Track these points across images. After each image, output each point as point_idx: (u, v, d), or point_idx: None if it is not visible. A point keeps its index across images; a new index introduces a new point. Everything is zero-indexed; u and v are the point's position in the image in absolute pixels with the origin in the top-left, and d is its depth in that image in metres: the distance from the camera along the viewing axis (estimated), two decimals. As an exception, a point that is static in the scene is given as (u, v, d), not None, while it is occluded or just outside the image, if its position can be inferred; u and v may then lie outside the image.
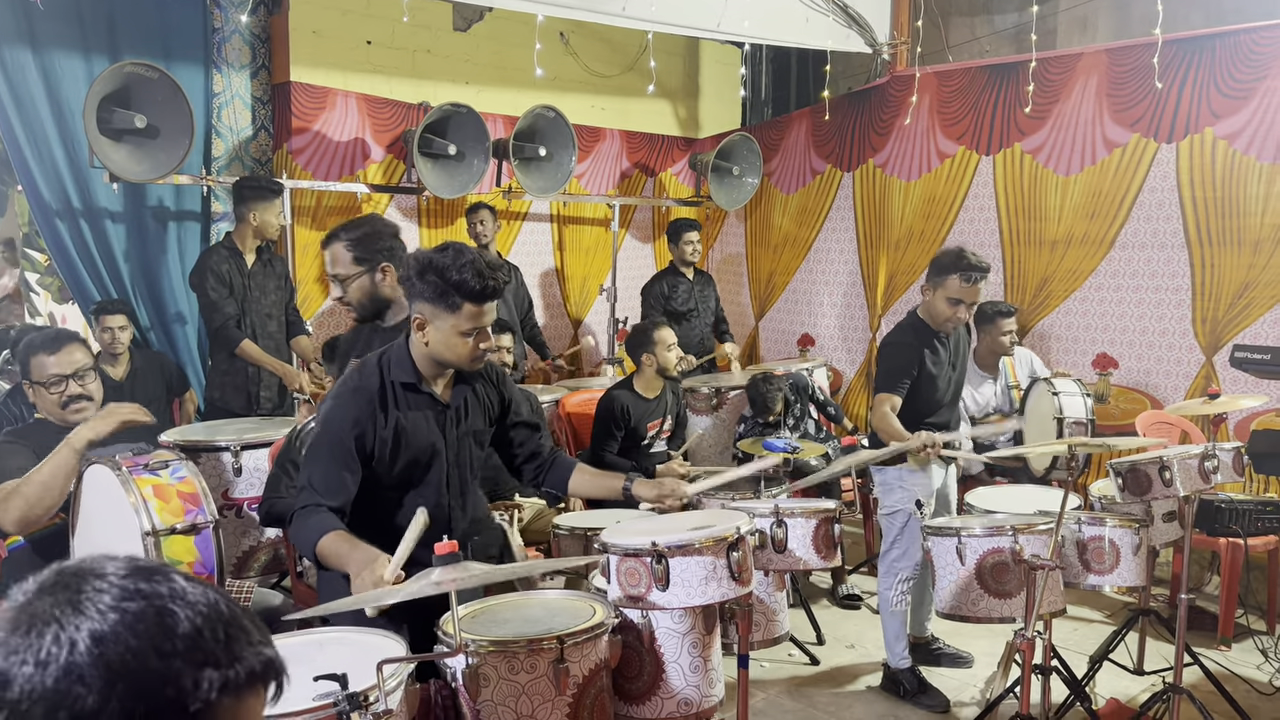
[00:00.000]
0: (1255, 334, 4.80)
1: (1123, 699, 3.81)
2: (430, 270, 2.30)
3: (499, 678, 2.03)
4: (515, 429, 2.69)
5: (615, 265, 6.80)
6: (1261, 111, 4.80)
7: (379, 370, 2.42)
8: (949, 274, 3.74)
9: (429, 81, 6.20)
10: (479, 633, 2.11)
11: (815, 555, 2.74)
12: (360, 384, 2.40)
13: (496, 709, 2.03)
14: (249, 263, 4.83)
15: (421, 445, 2.42)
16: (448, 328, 2.33)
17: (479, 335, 2.35)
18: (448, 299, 2.31)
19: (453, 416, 2.49)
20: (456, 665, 2.03)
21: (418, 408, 2.42)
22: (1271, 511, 4.29)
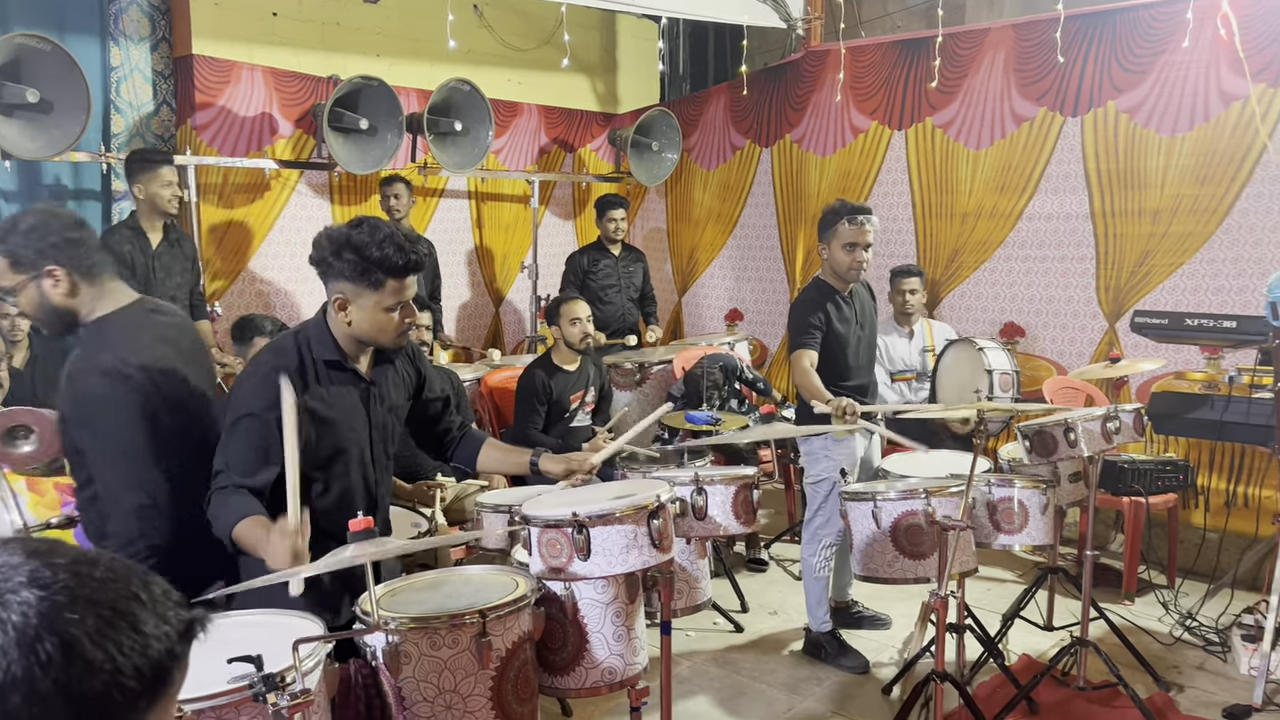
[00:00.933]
0: (1155, 300, 5.00)
1: (1034, 654, 3.96)
2: (349, 248, 2.25)
3: (420, 654, 2.01)
4: (429, 404, 2.66)
5: (536, 242, 6.75)
6: (1160, 85, 4.97)
7: (297, 348, 2.36)
8: (836, 223, 3.88)
9: (338, 54, 6.05)
10: (399, 610, 2.09)
11: (735, 521, 2.78)
12: (277, 363, 2.32)
13: (419, 685, 2.01)
14: (154, 243, 4.65)
15: (345, 421, 2.38)
16: (371, 305, 2.30)
17: (403, 310, 2.33)
18: (369, 276, 2.26)
19: (376, 393, 2.45)
20: (376, 643, 2.01)
21: (340, 384, 2.38)
22: (1171, 471, 4.50)
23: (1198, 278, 4.90)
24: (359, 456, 2.42)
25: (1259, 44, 4.62)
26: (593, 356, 4.94)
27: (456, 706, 2.03)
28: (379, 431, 2.47)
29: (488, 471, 2.70)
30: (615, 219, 6.29)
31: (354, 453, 2.40)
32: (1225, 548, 4.63)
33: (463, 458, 2.69)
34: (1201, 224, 4.87)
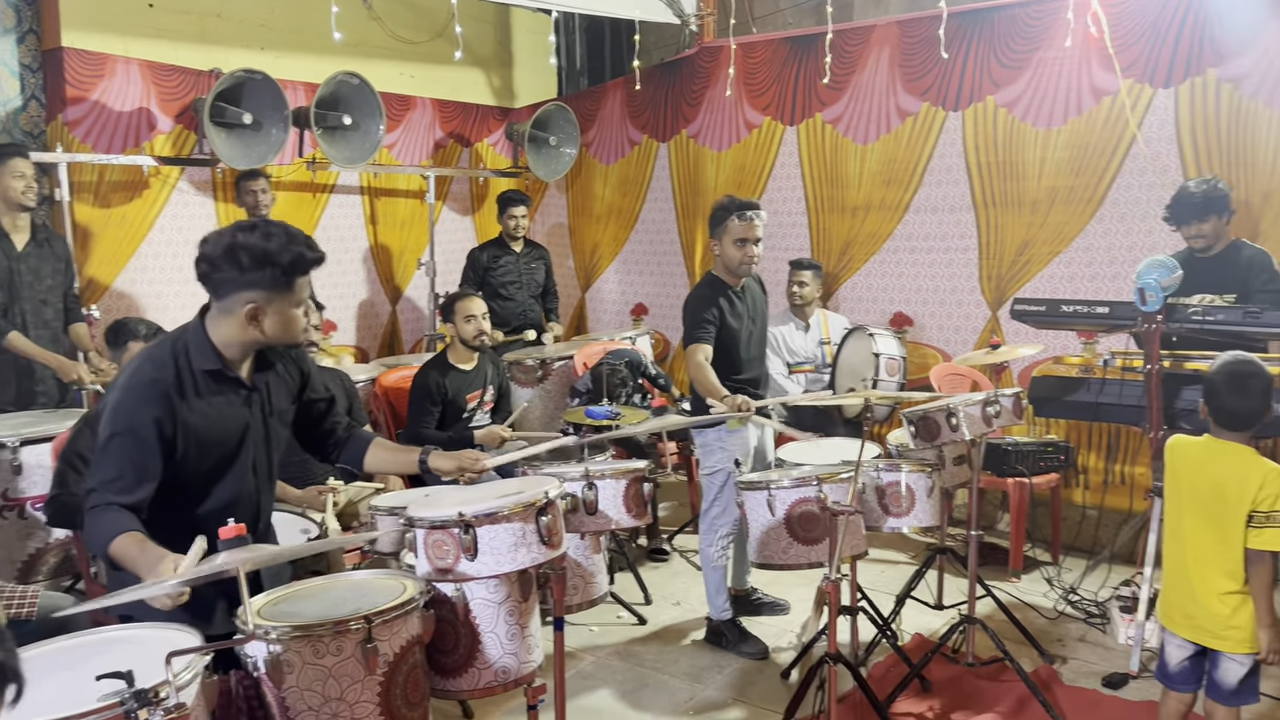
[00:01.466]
0: (1034, 288, 5.20)
1: (925, 633, 4.08)
2: (262, 258, 2.18)
3: (304, 663, 1.97)
4: (313, 404, 2.59)
5: (433, 238, 6.65)
6: (1036, 81, 5.16)
7: (173, 359, 2.26)
8: (726, 219, 3.93)
9: (220, 47, 5.85)
10: (282, 619, 2.04)
11: (626, 514, 2.79)
12: (155, 374, 2.23)
13: (303, 694, 1.97)
14: (18, 244, 4.41)
15: (229, 431, 2.30)
16: (286, 307, 2.25)
17: (304, 307, 2.31)
18: (283, 281, 2.22)
19: (259, 400, 2.38)
20: (258, 653, 1.96)
21: (222, 393, 2.30)
22: (1053, 452, 4.69)
23: (1074, 265, 5.11)
24: (243, 466, 2.34)
25: (1127, 40, 4.83)
26: (490, 355, 4.89)
27: (343, 714, 1.99)
28: (262, 439, 2.40)
29: (376, 471, 2.64)
30: (516, 216, 6.25)
31: (237, 463, 2.33)
32: (1104, 524, 4.86)
33: (349, 458, 2.62)
34: (1077, 214, 5.08)
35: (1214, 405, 2.71)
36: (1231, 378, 2.68)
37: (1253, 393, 2.65)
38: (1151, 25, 4.76)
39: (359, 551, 3.58)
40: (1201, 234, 4.12)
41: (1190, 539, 2.74)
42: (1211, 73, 4.62)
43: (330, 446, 2.63)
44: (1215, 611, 2.67)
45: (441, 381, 4.60)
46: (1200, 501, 2.70)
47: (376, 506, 3.39)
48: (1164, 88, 4.76)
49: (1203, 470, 2.72)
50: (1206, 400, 2.75)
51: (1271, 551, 2.57)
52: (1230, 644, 2.67)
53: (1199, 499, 2.71)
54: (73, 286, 4.73)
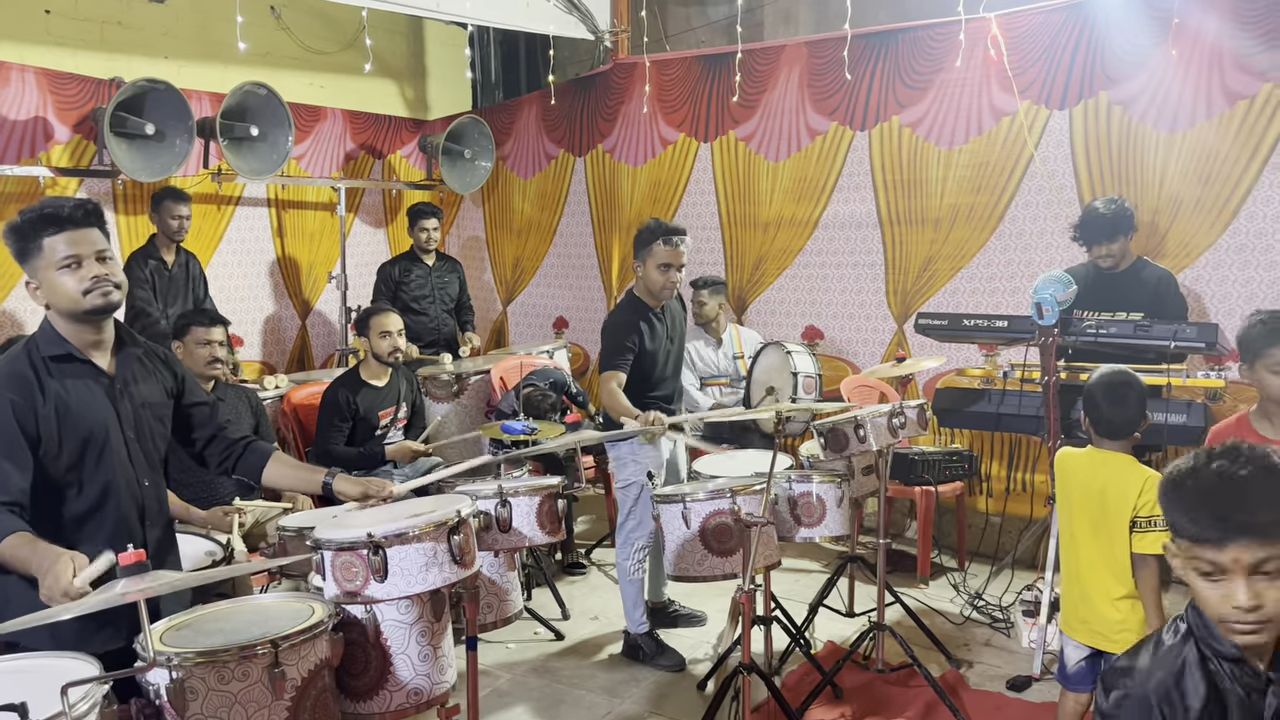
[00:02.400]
0: (938, 303, 5.35)
1: (838, 640, 4.15)
2: (9, 230, 2.25)
3: (208, 689, 1.92)
4: (193, 409, 2.53)
5: (344, 251, 6.54)
6: (939, 101, 5.33)
7: (25, 352, 2.27)
8: (652, 242, 3.95)
9: (121, 55, 5.68)
10: (184, 644, 1.99)
11: (540, 531, 2.79)
12: (8, 367, 2.24)
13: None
14: None
15: (92, 418, 2.26)
16: (47, 271, 2.22)
17: (78, 264, 2.22)
18: (28, 247, 2.22)
19: (121, 387, 2.34)
20: (160, 681, 1.90)
21: (78, 378, 2.27)
22: (958, 461, 4.83)
23: (975, 280, 5.28)
24: (113, 455, 2.29)
25: (1024, 63, 5.03)
26: (404, 370, 4.84)
27: (249, 741, 1.94)
28: (134, 428, 2.34)
29: (275, 487, 2.57)
30: (428, 229, 6.19)
31: (107, 449, 2.28)
32: (1006, 530, 5.02)
33: (245, 470, 2.54)
34: (977, 231, 5.25)
35: (1094, 416, 2.83)
36: (1109, 389, 2.80)
37: (1129, 402, 2.77)
38: (1047, 49, 4.96)
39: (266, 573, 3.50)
40: (1111, 253, 4.31)
41: (1082, 546, 2.85)
42: (1104, 95, 4.83)
43: (222, 456, 2.54)
44: (1107, 616, 2.78)
45: (351, 397, 4.53)
46: (1088, 510, 2.82)
47: (285, 527, 3.32)
48: (1059, 109, 4.96)
49: (1088, 480, 2.83)
50: (1086, 411, 2.86)
51: (1155, 555, 2.69)
52: (1121, 646, 2.78)
53: (1086, 507, 2.82)
54: None
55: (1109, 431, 2.81)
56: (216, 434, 2.55)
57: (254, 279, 6.39)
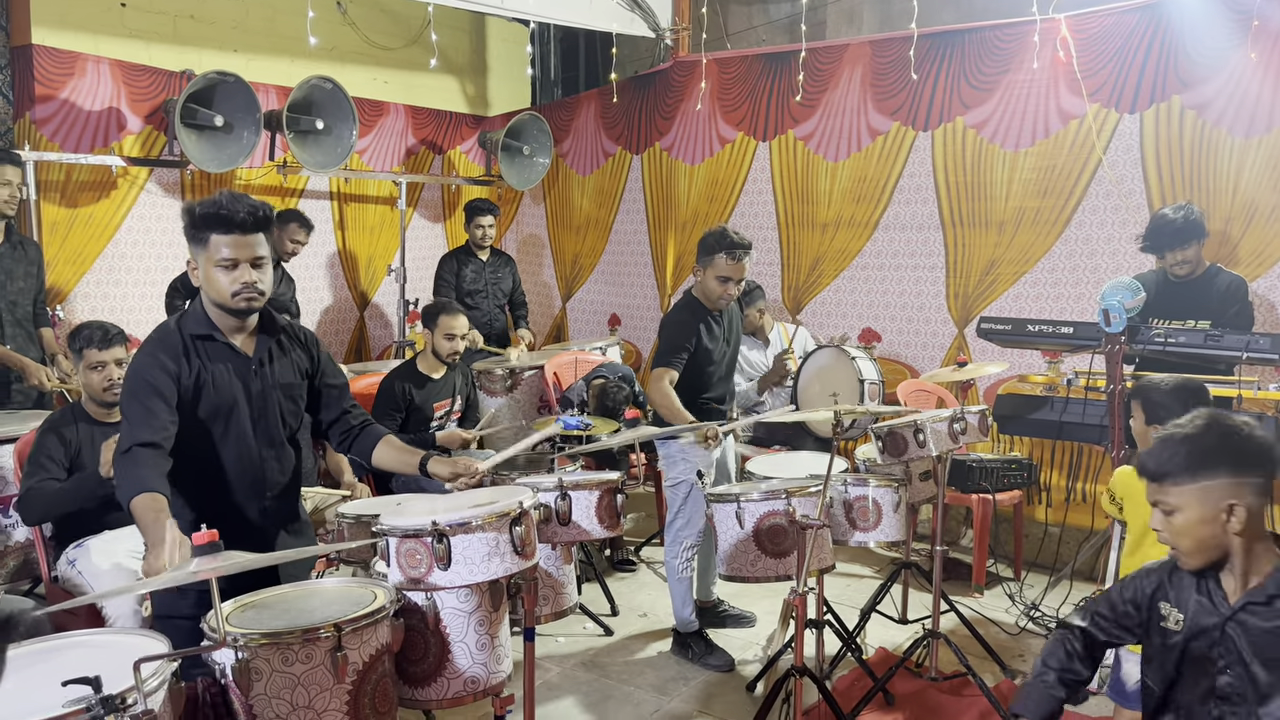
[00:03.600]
0: (1000, 307, 5.27)
1: (890, 647, 4.11)
2: (187, 210, 2.40)
3: (272, 670, 1.95)
4: (325, 391, 2.70)
5: (404, 245, 6.63)
6: (1005, 103, 5.25)
7: (177, 328, 2.47)
8: (715, 253, 3.92)
9: (192, 48, 5.81)
10: (251, 625, 2.02)
11: (599, 525, 2.79)
12: (161, 336, 2.46)
13: (271, 702, 1.95)
14: None
15: (223, 395, 2.45)
16: (207, 265, 2.40)
17: (237, 269, 2.38)
18: (196, 235, 2.39)
19: (255, 368, 2.51)
20: (226, 660, 1.94)
21: (217, 359, 2.46)
22: (1016, 469, 4.74)
23: (1039, 286, 5.19)
24: (238, 426, 2.48)
25: (1094, 66, 4.93)
26: (460, 365, 4.88)
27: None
28: (261, 406, 2.52)
29: (381, 468, 2.68)
30: (483, 225, 6.24)
31: (233, 422, 2.48)
32: (1065, 541, 4.92)
33: (360, 450, 2.70)
34: (1042, 235, 5.16)
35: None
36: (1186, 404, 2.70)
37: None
38: (1118, 51, 4.86)
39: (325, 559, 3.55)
40: (1186, 260, 4.21)
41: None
42: (1176, 99, 4.72)
43: (344, 434, 2.71)
44: None
45: (407, 389, 4.58)
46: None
47: (344, 514, 3.37)
48: (1130, 113, 4.86)
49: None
50: (1157, 425, 2.73)
51: None
52: None
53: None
54: (42, 291, 4.68)
55: None
56: (340, 415, 2.71)
57: (315, 270, 6.50)
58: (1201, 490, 1.78)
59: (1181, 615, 1.86)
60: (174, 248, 5.61)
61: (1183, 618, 1.86)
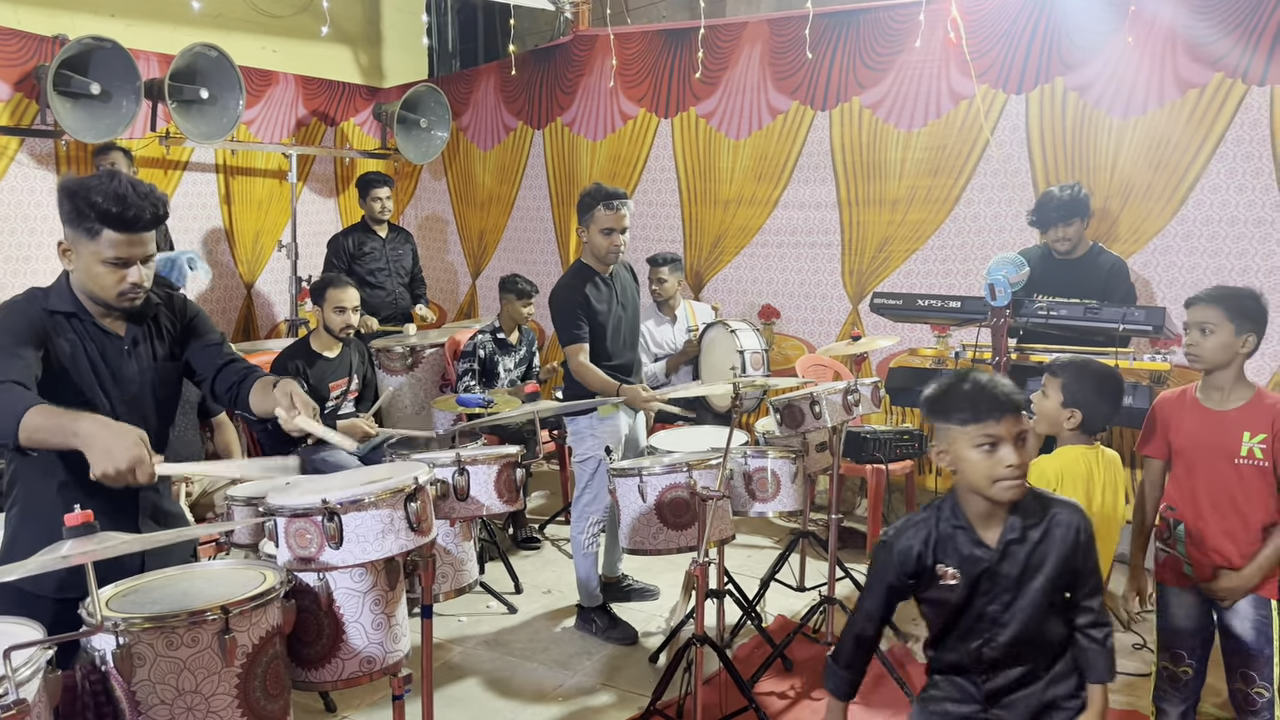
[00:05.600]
0: (892, 283, 5.40)
1: (788, 614, 4.20)
2: (69, 191, 2.17)
3: (156, 655, 1.88)
4: (201, 351, 2.48)
5: (294, 220, 6.42)
6: (899, 83, 5.35)
7: (39, 299, 2.27)
8: (593, 208, 3.96)
9: (65, 12, 5.50)
10: (133, 610, 1.94)
11: (498, 500, 2.77)
12: (22, 304, 2.26)
13: (155, 688, 1.88)
14: None
15: (84, 376, 2.24)
16: (90, 261, 2.19)
17: (123, 266, 2.20)
18: (85, 226, 2.17)
19: (129, 348, 2.32)
20: (105, 646, 1.86)
21: (84, 338, 2.26)
22: (908, 440, 4.86)
23: (929, 262, 5.33)
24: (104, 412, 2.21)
25: (983, 47, 5.07)
26: (356, 342, 4.77)
27: (199, 707, 1.91)
28: (131, 389, 2.32)
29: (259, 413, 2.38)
30: (380, 198, 6.09)
31: (99, 407, 2.23)
32: (954, 508, 5.09)
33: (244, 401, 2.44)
34: (933, 213, 5.30)
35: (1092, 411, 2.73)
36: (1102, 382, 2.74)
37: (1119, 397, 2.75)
38: (1005, 33, 5.00)
39: (214, 544, 3.44)
40: (1067, 237, 4.37)
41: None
42: (1060, 80, 4.89)
43: (229, 387, 2.46)
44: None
45: (300, 366, 4.46)
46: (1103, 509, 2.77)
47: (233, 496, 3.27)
48: (1016, 94, 5.01)
49: (1106, 479, 2.76)
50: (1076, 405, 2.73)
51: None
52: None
53: (1101, 506, 2.76)
54: None
55: (1098, 427, 2.77)
56: (222, 368, 2.47)
57: (198, 246, 6.24)
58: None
59: (957, 569, 2.05)
60: (48, 222, 5.31)
61: (958, 571, 2.04)
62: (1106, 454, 2.76)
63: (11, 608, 2.12)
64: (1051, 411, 2.77)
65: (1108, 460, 2.76)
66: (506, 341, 5.36)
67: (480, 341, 5.25)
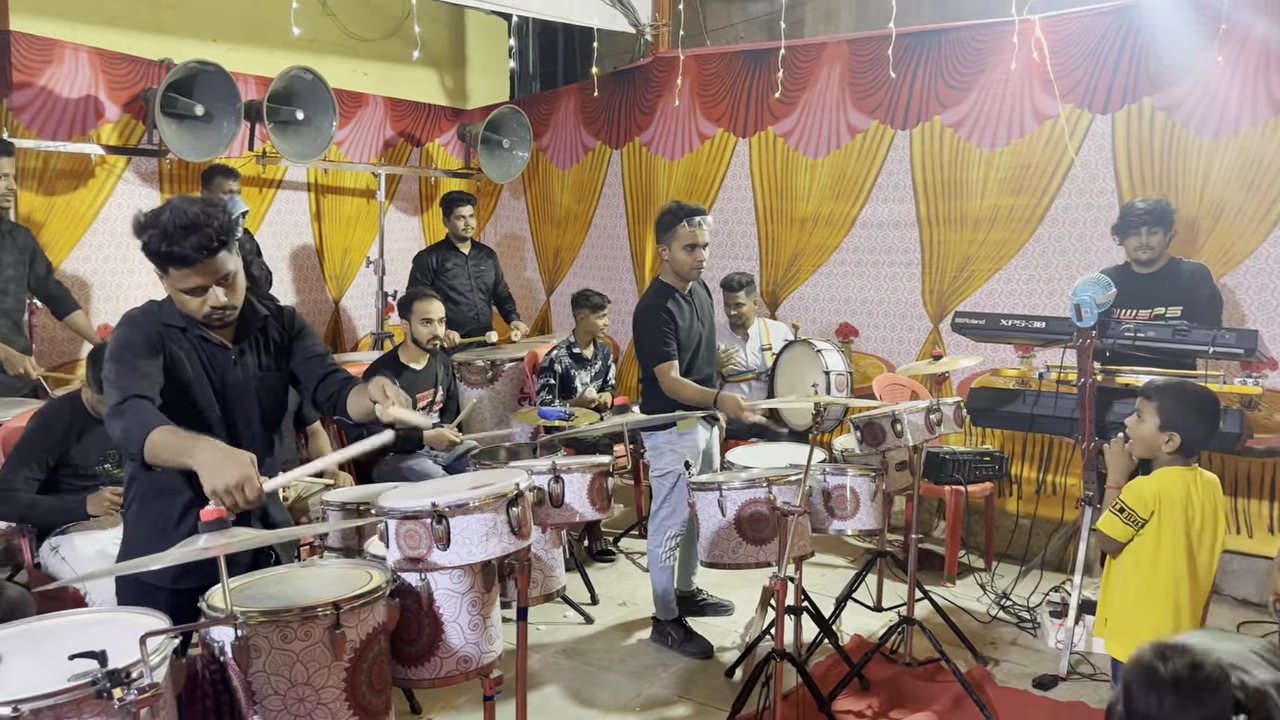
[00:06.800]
0: (974, 303, 5.37)
1: (864, 634, 4.19)
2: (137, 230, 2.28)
3: (271, 648, 1.98)
4: (306, 360, 2.61)
5: (382, 237, 6.62)
6: (981, 103, 5.34)
7: (155, 312, 2.41)
8: (675, 225, 4.02)
9: (171, 37, 5.78)
10: (248, 604, 2.05)
11: (591, 508, 2.84)
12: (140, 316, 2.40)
13: (269, 679, 1.98)
14: None
15: (199, 385, 2.39)
16: (173, 288, 2.34)
17: (202, 292, 2.32)
18: (158, 264, 2.30)
19: (235, 358, 2.46)
20: (225, 638, 1.96)
21: (195, 349, 2.40)
22: (988, 462, 4.84)
23: (1013, 282, 5.29)
24: (210, 417, 2.41)
25: (1068, 67, 5.03)
26: (441, 355, 4.92)
27: (309, 699, 2.00)
28: (237, 397, 2.46)
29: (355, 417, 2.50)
30: (464, 215, 6.25)
31: (209, 415, 2.40)
32: (1035, 532, 5.03)
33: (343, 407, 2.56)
34: (1016, 232, 5.26)
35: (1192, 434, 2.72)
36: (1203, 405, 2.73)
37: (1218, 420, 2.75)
38: (1091, 53, 4.96)
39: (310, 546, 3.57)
40: (1149, 245, 4.31)
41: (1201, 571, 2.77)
42: (1147, 100, 4.83)
43: (329, 395, 2.58)
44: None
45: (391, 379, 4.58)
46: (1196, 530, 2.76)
47: (328, 501, 3.40)
48: (1102, 113, 4.97)
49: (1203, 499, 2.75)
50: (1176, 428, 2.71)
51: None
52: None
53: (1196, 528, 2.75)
54: (50, 275, 4.71)
55: (1196, 449, 2.75)
56: (324, 378, 2.59)
57: (291, 262, 6.48)
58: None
59: None
60: (152, 237, 5.57)
61: None
62: (1205, 476, 2.73)
63: (131, 599, 2.27)
64: (1148, 435, 2.74)
65: (1206, 483, 2.72)
66: (582, 356, 5.46)
67: (557, 356, 5.36)
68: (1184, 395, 2.74)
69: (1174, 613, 2.79)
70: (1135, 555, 2.82)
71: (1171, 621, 2.79)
